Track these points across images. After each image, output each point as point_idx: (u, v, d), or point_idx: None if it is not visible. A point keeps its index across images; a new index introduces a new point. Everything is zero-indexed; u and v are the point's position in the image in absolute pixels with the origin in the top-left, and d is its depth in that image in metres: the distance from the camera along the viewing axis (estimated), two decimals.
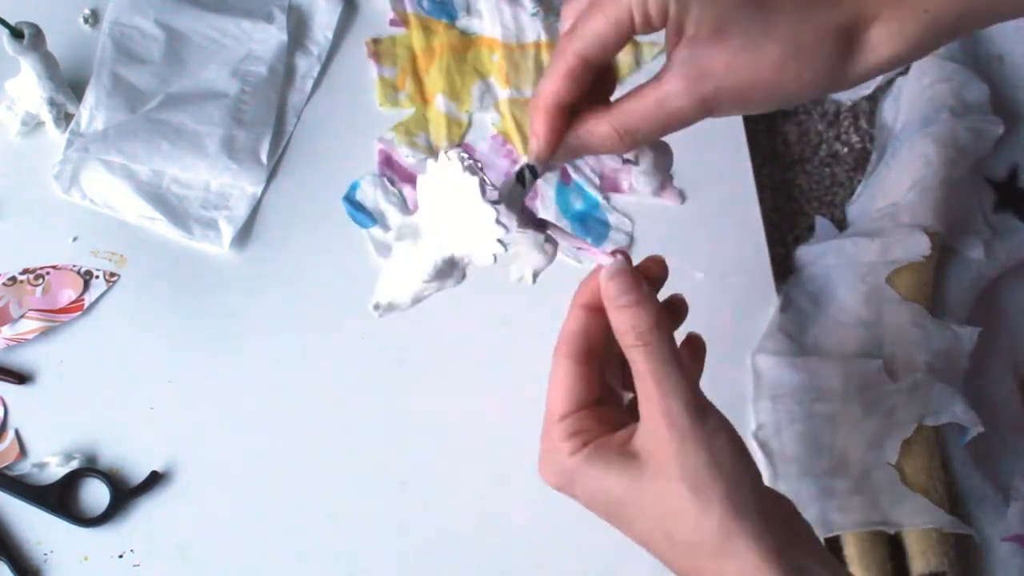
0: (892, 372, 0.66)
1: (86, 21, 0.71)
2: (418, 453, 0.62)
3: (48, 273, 0.64)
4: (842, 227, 0.74)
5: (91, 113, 0.67)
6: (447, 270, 0.44)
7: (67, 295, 0.63)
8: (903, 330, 0.67)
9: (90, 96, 0.68)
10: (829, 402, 0.65)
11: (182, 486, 0.60)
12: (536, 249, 0.45)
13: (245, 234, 0.67)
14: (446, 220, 0.44)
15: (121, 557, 0.59)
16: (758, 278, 0.70)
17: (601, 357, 0.45)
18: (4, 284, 0.63)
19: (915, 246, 0.68)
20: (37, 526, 0.58)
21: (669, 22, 0.40)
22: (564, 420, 0.43)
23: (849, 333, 0.68)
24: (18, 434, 0.60)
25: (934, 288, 0.69)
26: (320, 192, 0.69)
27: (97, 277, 0.64)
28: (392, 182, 0.70)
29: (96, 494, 0.60)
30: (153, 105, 0.68)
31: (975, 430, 0.64)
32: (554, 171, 0.71)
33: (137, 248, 0.65)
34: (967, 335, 0.67)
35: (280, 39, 0.72)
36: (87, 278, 0.64)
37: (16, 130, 0.67)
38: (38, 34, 0.63)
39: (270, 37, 0.72)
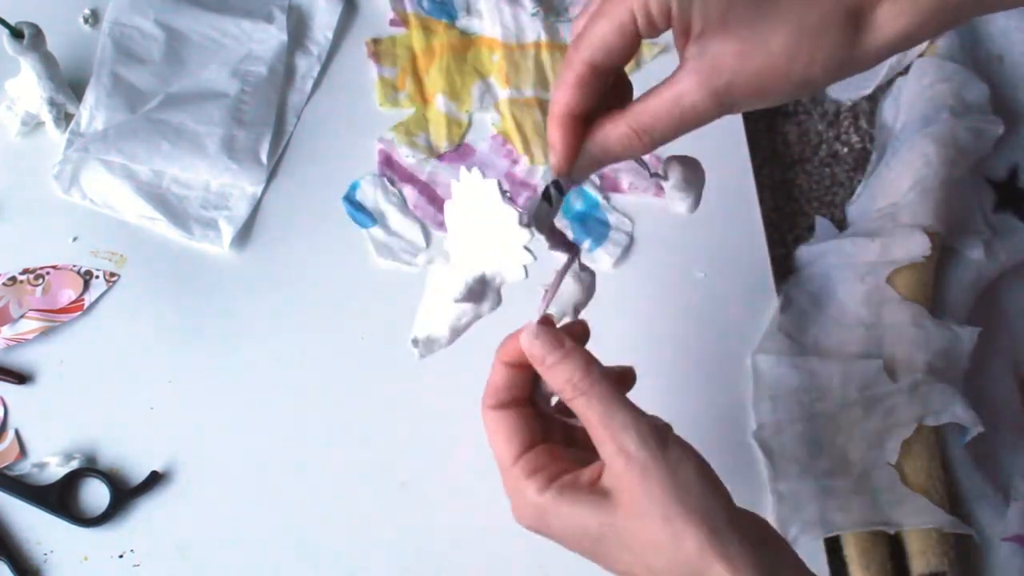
0: (892, 372, 0.66)
1: (86, 21, 0.71)
2: (418, 453, 0.62)
3: (48, 273, 0.64)
4: (842, 227, 0.74)
5: (91, 113, 0.67)
6: (479, 289, 0.44)
7: (67, 295, 0.63)
8: (903, 330, 0.67)
9: (90, 96, 0.68)
10: (829, 402, 0.65)
11: (182, 486, 0.60)
12: (573, 279, 0.45)
13: (245, 234, 0.67)
14: (475, 240, 0.44)
15: (121, 557, 0.59)
16: (758, 278, 0.70)
17: (529, 401, 0.46)
18: (4, 284, 0.63)
19: (915, 246, 0.68)
20: (37, 526, 0.58)
21: (674, 21, 0.39)
22: (517, 463, 0.44)
23: (849, 333, 0.68)
24: (18, 434, 0.60)
25: (934, 288, 0.69)
26: (320, 192, 0.69)
27: (97, 277, 0.64)
28: (392, 182, 0.70)
29: (96, 494, 0.60)
30: (153, 105, 0.68)
31: (975, 430, 0.64)
32: (579, 186, 0.70)
33: (137, 248, 0.65)
34: (967, 335, 0.67)
35: (280, 39, 0.72)
36: (87, 278, 0.64)
37: (16, 130, 0.67)
38: (38, 34, 0.63)
39: (270, 37, 0.72)
